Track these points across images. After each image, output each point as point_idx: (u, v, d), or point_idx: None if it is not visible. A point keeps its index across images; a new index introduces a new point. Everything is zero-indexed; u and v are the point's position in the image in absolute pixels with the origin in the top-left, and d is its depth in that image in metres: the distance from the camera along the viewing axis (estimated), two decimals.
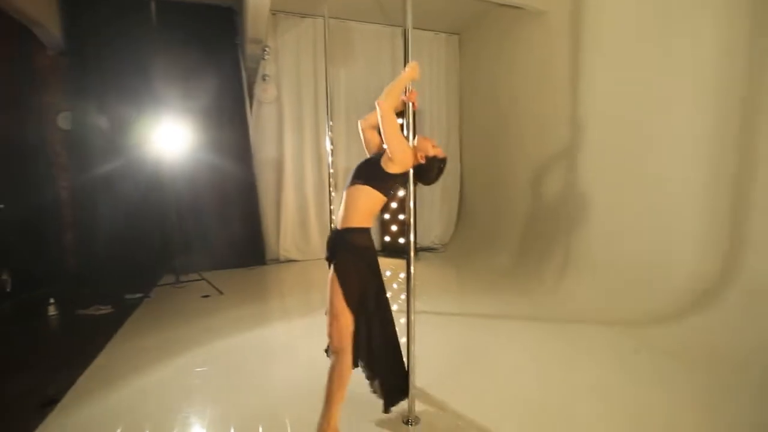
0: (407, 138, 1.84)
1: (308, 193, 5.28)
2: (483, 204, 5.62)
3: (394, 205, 5.37)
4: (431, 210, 5.88)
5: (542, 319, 3.15)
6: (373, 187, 1.74)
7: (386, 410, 1.82)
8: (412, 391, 1.85)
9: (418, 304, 3.40)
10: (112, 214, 4.23)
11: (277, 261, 5.13)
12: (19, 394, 2.10)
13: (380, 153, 1.82)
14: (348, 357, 1.68)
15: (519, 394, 2.12)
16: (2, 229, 3.54)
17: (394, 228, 5.41)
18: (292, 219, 5.24)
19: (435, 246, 5.85)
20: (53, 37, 3.94)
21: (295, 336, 2.99)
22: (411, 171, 1.84)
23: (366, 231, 1.76)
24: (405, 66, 1.83)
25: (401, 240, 5.35)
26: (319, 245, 5.33)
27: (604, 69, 3.58)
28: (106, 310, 3.39)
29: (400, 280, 4.26)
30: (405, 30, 1.89)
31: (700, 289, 2.78)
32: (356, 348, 1.73)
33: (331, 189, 3.47)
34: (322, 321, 1.84)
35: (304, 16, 4.90)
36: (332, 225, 1.76)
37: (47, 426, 1.85)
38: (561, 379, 2.27)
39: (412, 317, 1.91)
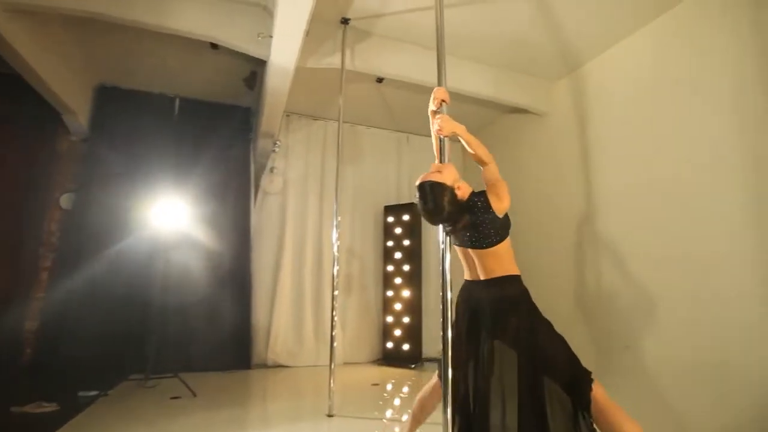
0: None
1: (306, 291, 4.92)
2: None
3: (398, 305, 4.95)
4: (437, 316, 5.39)
5: None
6: None
7: None
8: None
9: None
10: (88, 302, 3.85)
11: (264, 366, 4.51)
12: None
13: None
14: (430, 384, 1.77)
15: None
16: None
17: (397, 332, 4.90)
18: (286, 319, 4.78)
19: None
20: (79, 125, 4.15)
21: None
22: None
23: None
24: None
25: (406, 347, 4.79)
26: (313, 350, 4.77)
27: (613, 160, 3.64)
28: (49, 407, 2.79)
29: (403, 393, 3.64)
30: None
31: None
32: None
33: (336, 289, 3.17)
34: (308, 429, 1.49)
35: (315, 118, 5.26)
36: None
37: None
38: None
39: None
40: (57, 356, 3.68)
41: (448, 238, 1.70)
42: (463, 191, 1.68)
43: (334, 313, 3.12)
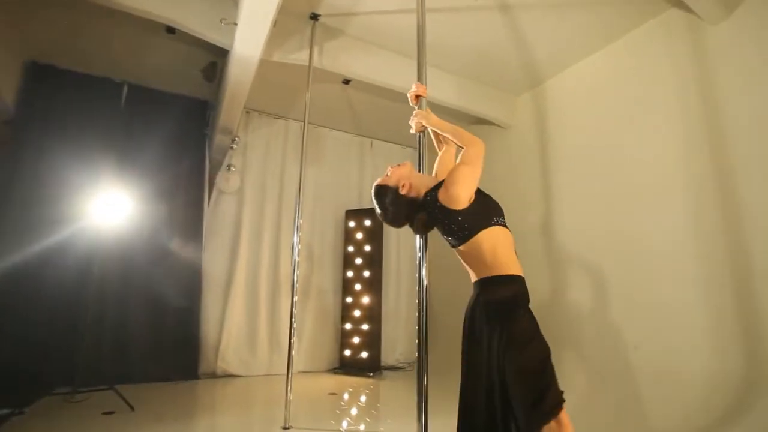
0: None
1: (261, 296, 4.67)
2: (452, 318, 5.20)
3: (357, 312, 4.83)
4: (396, 324, 5.36)
5: None
6: None
7: None
8: None
9: (381, 428, 2.82)
10: (3, 305, 3.38)
11: (213, 375, 4.20)
12: None
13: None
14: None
15: None
16: None
17: (356, 340, 4.77)
18: (238, 326, 4.50)
19: (400, 365, 5.16)
20: (2, 104, 3.66)
21: None
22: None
23: None
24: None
25: (364, 354, 4.67)
26: (266, 359, 4.52)
27: (571, 169, 3.79)
28: None
29: (360, 402, 3.52)
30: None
31: (720, 394, 2.43)
32: None
33: (295, 295, 3.00)
34: None
35: (277, 117, 5.06)
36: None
37: None
38: None
39: None
40: None
41: (423, 240, 1.65)
42: (411, 188, 1.54)
43: (293, 319, 2.96)
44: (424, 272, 1.64)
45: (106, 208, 3.40)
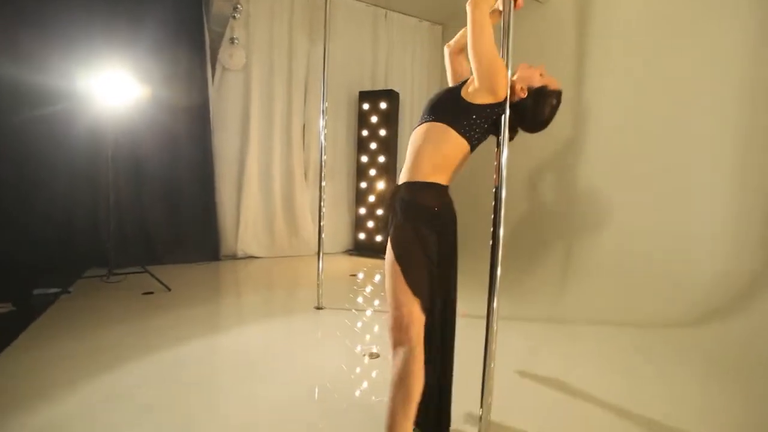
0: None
1: (275, 180, 4.61)
2: (466, 203, 5.25)
3: (372, 197, 4.84)
4: None
5: (540, 320, 2.78)
6: (450, 125, 1.23)
7: None
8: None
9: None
10: (25, 188, 3.31)
11: (233, 257, 4.38)
12: None
13: (464, 80, 1.32)
14: (418, 356, 1.15)
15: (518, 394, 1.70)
16: None
17: (370, 224, 4.88)
18: (255, 209, 4.53)
19: None
20: None
21: (269, 341, 2.36)
22: (506, 112, 1.27)
23: (437, 188, 1.25)
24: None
25: (378, 238, 4.83)
26: (285, 241, 4.67)
27: (612, 57, 3.40)
28: (4, 307, 2.53)
29: (375, 282, 3.72)
30: None
31: (728, 290, 2.54)
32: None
33: (323, 180, 3.04)
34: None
35: None
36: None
37: None
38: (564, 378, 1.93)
39: (494, 327, 1.33)
40: None
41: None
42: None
43: (322, 203, 3.01)
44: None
45: (105, 85, 3.08)
